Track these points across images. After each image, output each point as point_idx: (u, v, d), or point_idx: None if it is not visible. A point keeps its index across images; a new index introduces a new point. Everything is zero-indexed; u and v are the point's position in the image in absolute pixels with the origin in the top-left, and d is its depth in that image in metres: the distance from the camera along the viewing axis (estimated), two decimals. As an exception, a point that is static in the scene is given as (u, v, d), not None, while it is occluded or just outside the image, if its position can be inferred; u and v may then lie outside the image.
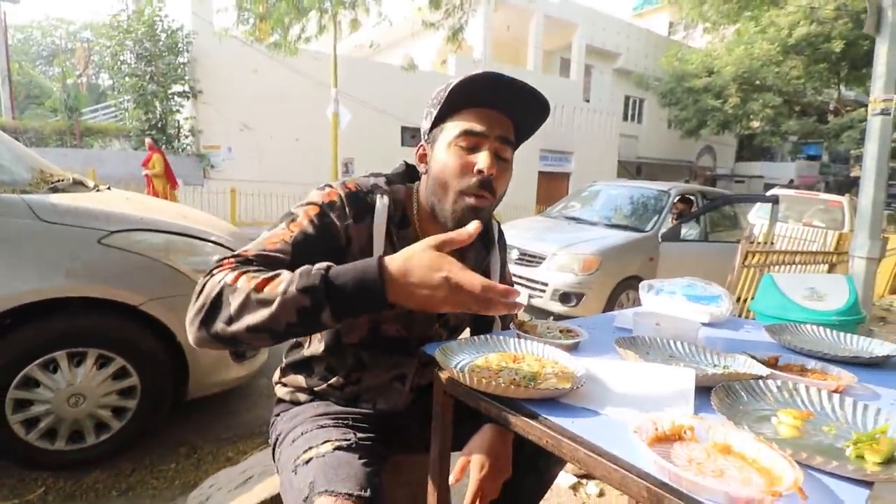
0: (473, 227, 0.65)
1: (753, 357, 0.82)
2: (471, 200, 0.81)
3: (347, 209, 0.83)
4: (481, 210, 0.82)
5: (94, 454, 1.79)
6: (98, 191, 2.26)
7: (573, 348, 0.86)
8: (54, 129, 8.81)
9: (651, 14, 24.32)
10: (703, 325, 1.12)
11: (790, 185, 17.13)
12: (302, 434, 0.86)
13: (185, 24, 9.37)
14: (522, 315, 1.03)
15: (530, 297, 4.00)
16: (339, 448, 0.80)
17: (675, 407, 0.61)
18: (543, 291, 3.92)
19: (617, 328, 1.05)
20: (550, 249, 3.97)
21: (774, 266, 3.14)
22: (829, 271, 3.58)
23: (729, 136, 20.09)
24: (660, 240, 4.24)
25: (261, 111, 9.95)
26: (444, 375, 0.71)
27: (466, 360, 0.75)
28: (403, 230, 0.89)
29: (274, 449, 0.94)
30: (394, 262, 0.64)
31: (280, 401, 1.02)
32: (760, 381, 0.68)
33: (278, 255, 0.75)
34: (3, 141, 2.19)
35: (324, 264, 0.66)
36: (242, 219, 9.11)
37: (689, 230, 4.65)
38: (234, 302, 0.66)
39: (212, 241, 2.05)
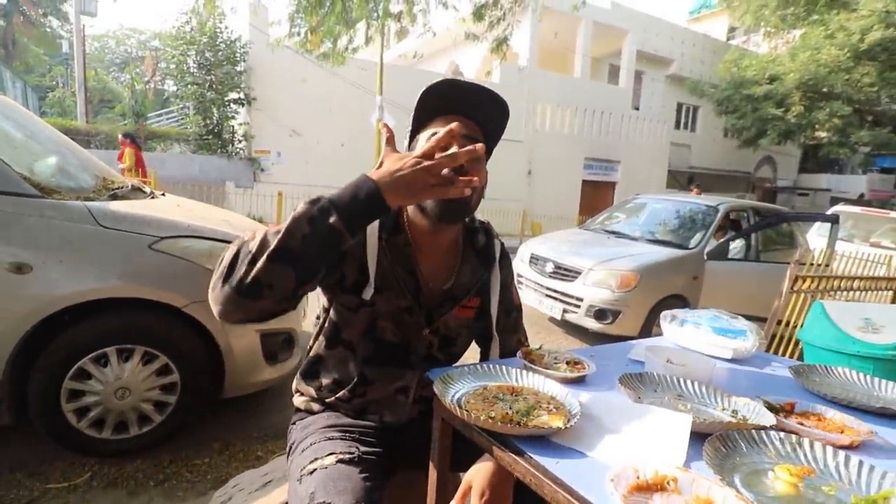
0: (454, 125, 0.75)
1: (768, 403, 0.78)
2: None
3: None
4: (458, 201, 0.85)
5: (137, 444, 1.92)
6: (153, 197, 2.44)
7: (579, 381, 0.85)
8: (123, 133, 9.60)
9: (708, 18, 23.36)
10: (728, 360, 1.07)
11: (860, 199, 15.89)
12: (311, 445, 0.91)
13: (243, 34, 9.92)
14: (554, 329, 1.03)
15: (564, 311, 3.94)
16: (341, 461, 0.84)
17: (666, 454, 0.60)
18: (578, 307, 3.84)
19: (631, 360, 1.02)
20: (587, 264, 3.89)
21: (829, 292, 2.94)
22: (894, 300, 3.30)
23: (792, 147, 18.90)
24: (705, 258, 4.06)
25: (309, 118, 10.35)
26: (441, 403, 0.73)
27: (465, 390, 0.76)
28: (395, 237, 0.94)
29: (288, 456, 1.00)
30: (374, 172, 0.75)
31: (297, 409, 1.07)
32: (764, 433, 0.65)
33: None
34: (73, 149, 2.41)
35: (323, 196, 0.75)
36: (289, 221, 9.46)
37: (738, 248, 4.42)
38: (252, 246, 0.72)
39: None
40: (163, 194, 2.68)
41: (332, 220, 0.71)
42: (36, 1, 16.57)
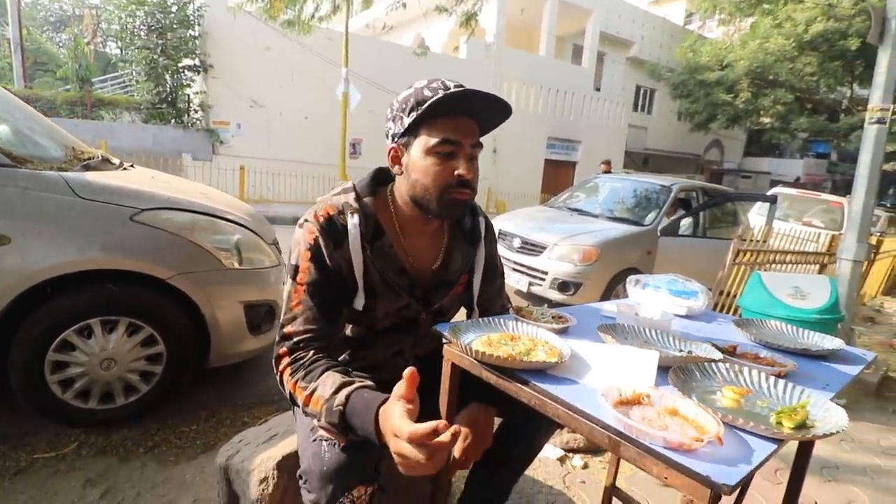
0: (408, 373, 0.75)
1: (715, 345, 0.96)
2: (454, 196, 0.93)
3: (325, 241, 0.93)
4: (464, 202, 0.95)
5: (123, 414, 1.94)
6: (125, 169, 2.38)
7: (563, 332, 1.00)
8: (66, 100, 8.88)
9: (668, 2, 23.92)
10: (681, 317, 1.26)
11: (797, 182, 17.11)
12: None
13: (197, -3, 9.36)
14: (520, 301, 1.17)
15: (530, 284, 4.15)
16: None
17: (640, 379, 0.75)
18: (543, 280, 4.06)
19: (603, 316, 1.19)
20: (552, 239, 4.10)
21: (766, 265, 3.27)
22: (820, 272, 3.70)
23: (738, 131, 19.99)
24: (659, 234, 4.36)
25: (271, 88, 9.98)
26: (452, 348, 0.86)
27: (472, 338, 0.89)
28: (378, 241, 0.97)
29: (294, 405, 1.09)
30: (384, 420, 0.75)
31: None
32: (713, 364, 0.82)
33: (308, 317, 0.91)
34: (37, 119, 2.32)
35: (343, 397, 0.81)
36: (251, 196, 9.22)
37: (687, 225, 4.76)
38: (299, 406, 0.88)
39: (233, 222, 2.18)
40: (132, 166, 2.61)
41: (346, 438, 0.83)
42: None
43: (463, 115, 0.93)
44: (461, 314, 1.21)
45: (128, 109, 9.35)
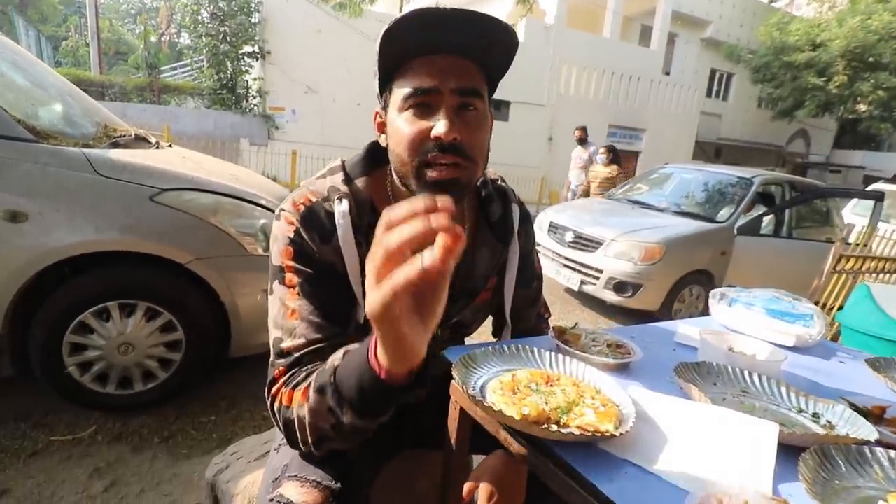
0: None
1: (853, 405, 0.65)
2: (433, 174, 0.66)
3: (308, 234, 0.71)
4: (452, 182, 0.66)
5: (141, 400, 1.89)
6: (158, 147, 2.32)
7: (621, 368, 0.72)
8: (136, 86, 9.39)
9: (751, -23, 21.83)
10: (787, 349, 0.93)
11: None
12: None
13: (258, -18, 9.51)
14: (565, 322, 0.90)
15: (582, 282, 3.79)
16: None
17: (749, 474, 0.47)
18: (597, 279, 3.69)
19: (678, 344, 0.89)
20: (609, 235, 3.71)
21: (871, 274, 2.74)
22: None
23: (829, 120, 17.96)
24: (735, 232, 3.84)
25: (325, 74, 10.01)
26: (460, 391, 0.61)
27: (489, 376, 0.64)
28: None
29: None
30: (380, 351, 0.51)
31: None
32: (867, 449, 0.52)
33: (311, 324, 0.68)
34: (74, 94, 2.28)
35: (338, 359, 0.59)
36: (302, 180, 9.36)
37: (768, 224, 4.18)
38: (296, 428, 0.64)
39: (261, 206, 2.05)
40: (169, 145, 2.56)
41: (347, 419, 0.58)
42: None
43: (443, 53, 0.66)
44: (487, 323, 0.97)
45: (192, 95, 9.75)
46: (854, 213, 6.29)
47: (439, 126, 0.64)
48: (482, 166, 0.72)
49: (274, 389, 0.67)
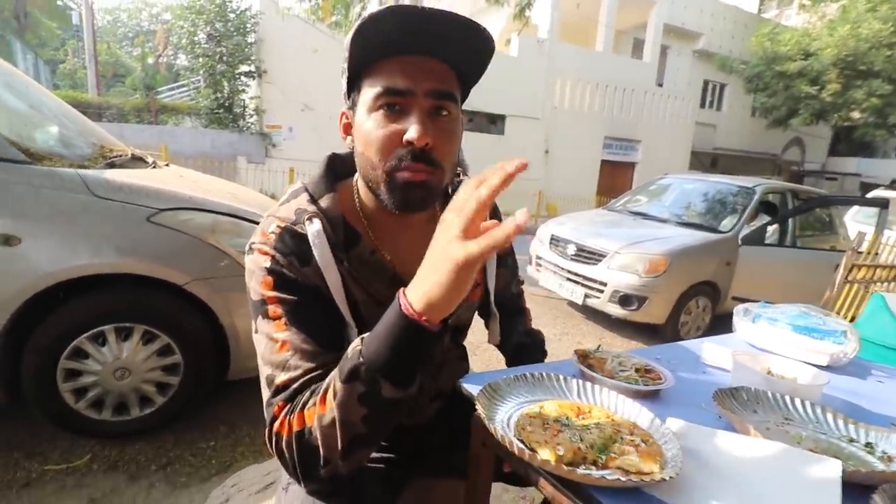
0: (521, 216, 0.44)
1: (907, 432, 0.60)
2: (405, 175, 0.63)
3: (285, 261, 0.67)
4: (423, 185, 0.64)
5: (138, 426, 1.82)
6: (155, 167, 2.28)
7: (652, 395, 0.67)
8: (133, 106, 9.43)
9: (740, -10, 22.24)
10: (821, 368, 0.88)
11: (892, 185, 15.21)
12: None
13: (253, 4, 9.61)
14: (587, 345, 0.85)
15: (586, 296, 3.74)
16: None
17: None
18: (601, 292, 3.64)
19: (707, 366, 0.84)
20: (612, 247, 3.67)
21: (883, 283, 2.70)
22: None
23: (823, 128, 18.13)
24: (740, 242, 3.81)
25: (321, 92, 10.07)
26: (484, 425, 0.56)
27: (514, 408, 0.58)
28: (354, 249, 0.71)
29: None
30: (412, 291, 0.52)
31: None
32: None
33: (303, 353, 0.64)
34: (70, 116, 2.26)
35: (358, 340, 0.57)
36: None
37: (772, 233, 4.15)
38: (317, 444, 0.58)
39: (258, 223, 2.01)
40: (167, 164, 2.52)
41: (384, 390, 0.55)
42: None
43: (418, 55, 0.63)
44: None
45: (189, 115, 9.78)
46: (855, 221, 6.26)
47: (412, 130, 0.61)
48: (451, 173, 0.69)
49: (276, 426, 0.62)
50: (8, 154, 1.60)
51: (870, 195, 6.62)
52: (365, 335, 0.57)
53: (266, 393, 0.64)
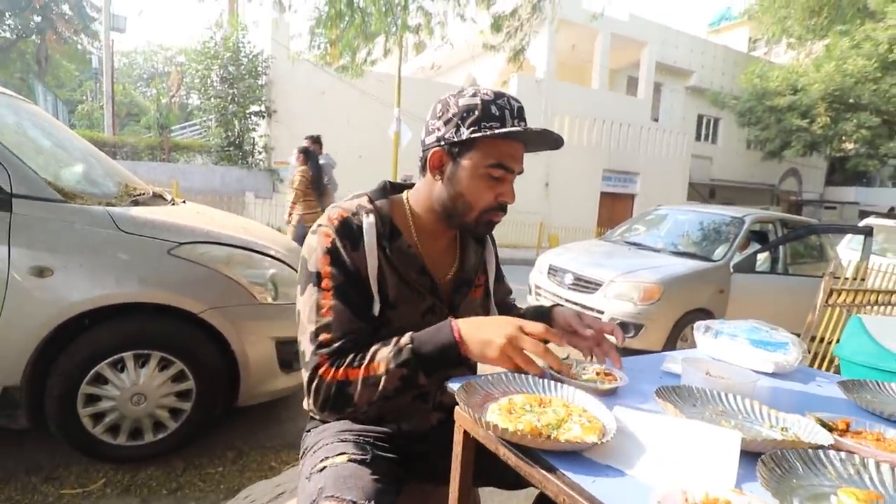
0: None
1: (820, 420, 0.71)
2: (492, 217, 0.93)
3: (342, 243, 0.88)
4: (496, 223, 0.96)
5: (151, 451, 1.90)
6: (174, 204, 2.45)
7: (610, 393, 0.79)
8: (147, 145, 9.86)
9: (729, 30, 23.18)
10: (769, 375, 1.00)
11: (891, 213, 15.37)
12: (323, 445, 0.89)
13: (265, 49, 10.15)
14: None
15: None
16: (352, 460, 0.83)
17: (715, 474, 0.54)
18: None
19: (664, 373, 0.96)
20: (608, 276, 3.80)
21: (864, 306, 2.80)
22: (935, 315, 3.13)
23: (818, 159, 18.47)
24: (731, 270, 3.93)
25: (327, 130, 10.45)
26: (463, 414, 0.68)
27: (490, 402, 0.71)
28: (395, 241, 0.92)
29: (301, 461, 0.96)
30: (465, 324, 0.81)
31: (311, 417, 1.04)
32: (821, 452, 0.59)
33: (343, 321, 0.85)
34: (97, 157, 2.45)
35: (408, 338, 0.82)
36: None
37: (764, 261, 4.28)
38: (354, 393, 0.82)
39: (270, 256, 2.15)
40: (183, 201, 2.70)
41: (419, 377, 0.81)
42: (68, 18, 17.28)
43: (519, 142, 0.92)
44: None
45: (200, 153, 10.17)
46: (850, 248, 6.38)
47: (508, 196, 0.92)
48: None
49: (321, 371, 0.83)
50: (45, 194, 1.77)
51: (861, 223, 6.75)
52: (414, 335, 0.82)
53: (309, 346, 0.85)
